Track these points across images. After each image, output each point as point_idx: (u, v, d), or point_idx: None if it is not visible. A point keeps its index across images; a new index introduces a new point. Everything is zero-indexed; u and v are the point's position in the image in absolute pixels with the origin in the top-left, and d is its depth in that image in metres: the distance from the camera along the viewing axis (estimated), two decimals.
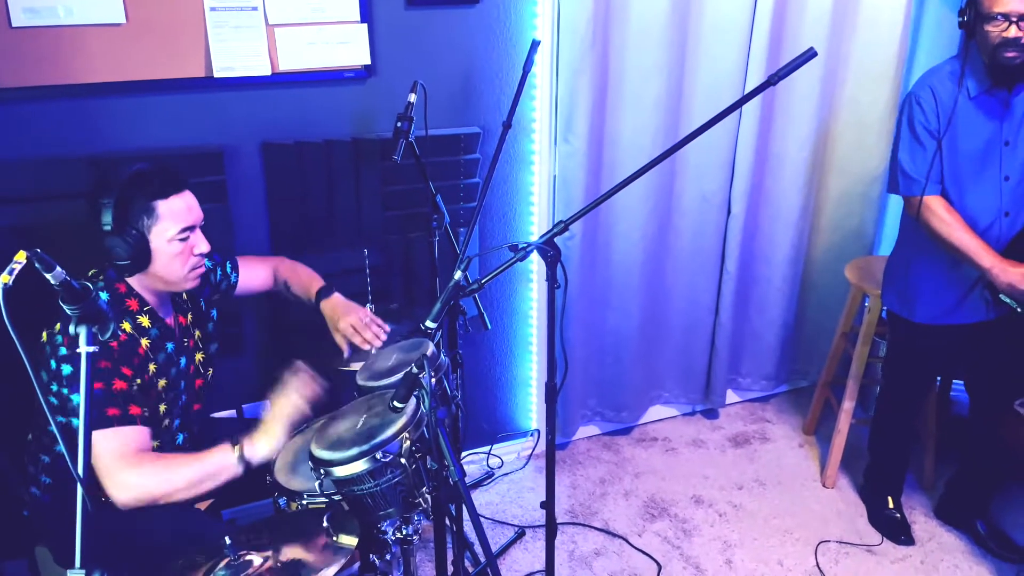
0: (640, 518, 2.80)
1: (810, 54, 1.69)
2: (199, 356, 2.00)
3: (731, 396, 3.47)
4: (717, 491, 2.93)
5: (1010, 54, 2.11)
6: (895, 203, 3.25)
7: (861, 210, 3.22)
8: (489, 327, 2.55)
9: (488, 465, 3.05)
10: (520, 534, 2.69)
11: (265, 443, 1.72)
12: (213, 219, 2.00)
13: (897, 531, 2.68)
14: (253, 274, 2.21)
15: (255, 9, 2.20)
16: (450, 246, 2.42)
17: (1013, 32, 2.08)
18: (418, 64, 2.46)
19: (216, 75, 2.20)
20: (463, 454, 3.03)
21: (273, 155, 2.35)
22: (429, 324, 1.80)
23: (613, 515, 2.81)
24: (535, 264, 2.85)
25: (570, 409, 3.11)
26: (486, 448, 3.07)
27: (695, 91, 2.84)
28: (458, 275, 1.82)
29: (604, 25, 2.61)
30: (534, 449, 3.12)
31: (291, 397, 1.77)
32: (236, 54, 2.21)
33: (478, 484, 2.96)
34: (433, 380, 1.82)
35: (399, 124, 2.13)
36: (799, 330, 3.40)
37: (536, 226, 2.81)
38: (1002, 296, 2.22)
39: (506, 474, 3.02)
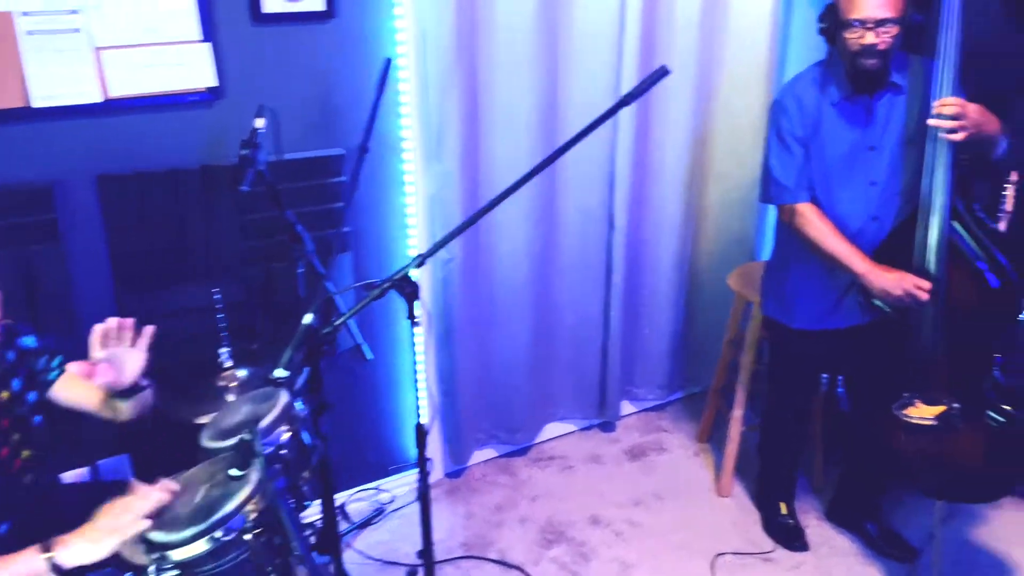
0: (537, 545, 2.71)
1: (662, 72, 1.62)
2: (16, 436, 1.76)
3: (627, 407, 3.42)
4: (615, 509, 2.87)
5: (869, 61, 2.11)
6: (773, 209, 3.26)
7: (742, 216, 3.23)
8: (370, 357, 2.40)
9: (378, 501, 2.90)
10: (411, 575, 2.56)
11: (82, 549, 1.44)
12: (43, 263, 1.80)
13: (791, 538, 2.67)
14: (74, 392, 1.85)
15: (77, 31, 2.00)
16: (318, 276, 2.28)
17: (870, 39, 2.08)
18: (272, 84, 2.30)
19: (35, 104, 1.98)
20: (352, 491, 2.88)
21: (110, 188, 2.15)
22: (280, 373, 1.65)
23: (509, 544, 2.71)
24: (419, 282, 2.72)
25: (463, 434, 3.00)
26: (375, 484, 2.93)
27: (570, 104, 2.77)
28: (309, 318, 1.68)
29: (470, 39, 2.51)
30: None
31: (126, 509, 1.48)
32: (58, 81, 2.00)
33: (367, 523, 2.81)
34: (287, 435, 1.68)
35: (244, 152, 1.98)
36: (689, 337, 3.38)
37: (415, 249, 2.69)
38: (875, 300, 2.23)
39: (397, 509, 2.88)
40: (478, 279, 2.82)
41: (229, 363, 2.16)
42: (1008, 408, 2.15)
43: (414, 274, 1.73)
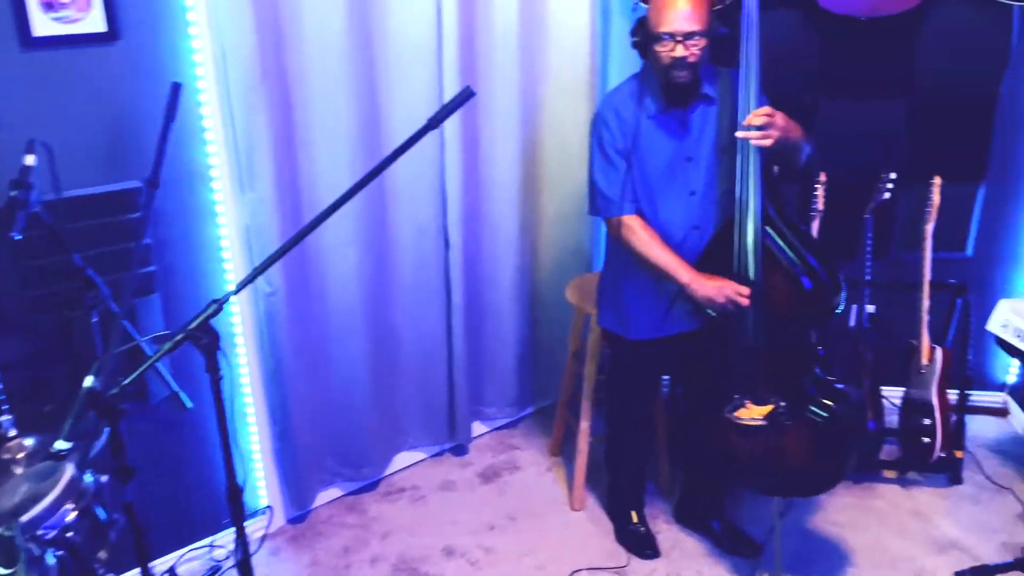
0: None
1: (467, 93, 1.55)
2: None
3: (479, 428, 3.35)
4: (469, 536, 2.79)
5: (680, 73, 2.14)
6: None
7: (577, 227, 3.24)
8: (190, 406, 2.20)
9: (213, 559, 2.68)
10: None
11: None
12: None
13: (642, 546, 2.68)
14: None
15: None
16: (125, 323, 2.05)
17: (680, 52, 2.11)
18: (48, 116, 2.06)
19: None
20: (183, 551, 2.64)
21: None
22: (61, 445, 1.46)
23: None
24: (239, 319, 2.53)
25: (304, 476, 2.82)
26: (209, 539, 2.70)
27: (393, 118, 2.66)
28: (90, 381, 1.49)
29: (276, 55, 2.36)
30: (268, 528, 2.79)
31: None
32: None
33: None
34: (73, 514, 1.49)
35: (13, 193, 1.75)
36: (535, 351, 3.36)
37: (233, 284, 2.49)
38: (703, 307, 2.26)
39: (236, 564, 2.66)
40: (308, 308, 2.66)
41: (12, 432, 1.90)
42: (829, 403, 2.24)
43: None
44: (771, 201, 2.20)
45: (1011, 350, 2.42)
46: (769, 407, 2.25)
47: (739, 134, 2.10)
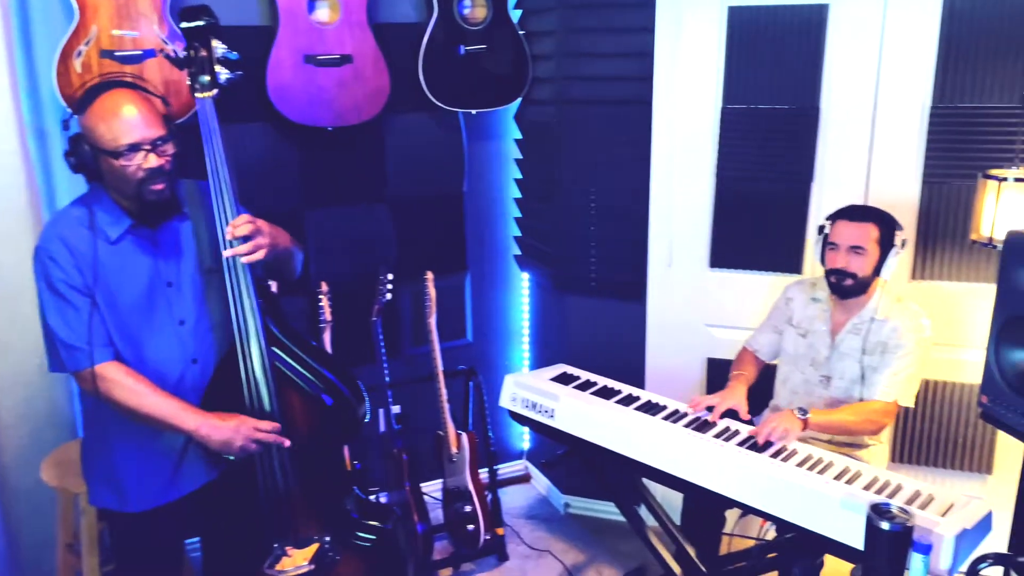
0: None
1: None
2: None
3: None
4: None
5: (156, 187, 1.84)
6: None
7: (46, 390, 2.62)
8: None
9: None
10: None
11: None
12: None
13: None
14: None
15: None
16: None
17: (154, 161, 1.82)
18: None
19: None
20: None
21: None
22: None
23: None
24: None
25: None
26: None
27: None
28: None
29: None
30: None
31: None
32: None
33: None
34: None
35: None
36: (18, 557, 2.59)
37: None
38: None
39: None
40: None
41: None
42: (375, 523, 2.08)
43: None
44: (273, 319, 2.00)
45: (522, 420, 2.57)
46: (314, 547, 1.99)
47: (226, 253, 1.87)
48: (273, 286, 2.19)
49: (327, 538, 2.01)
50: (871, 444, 2.47)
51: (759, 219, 2.81)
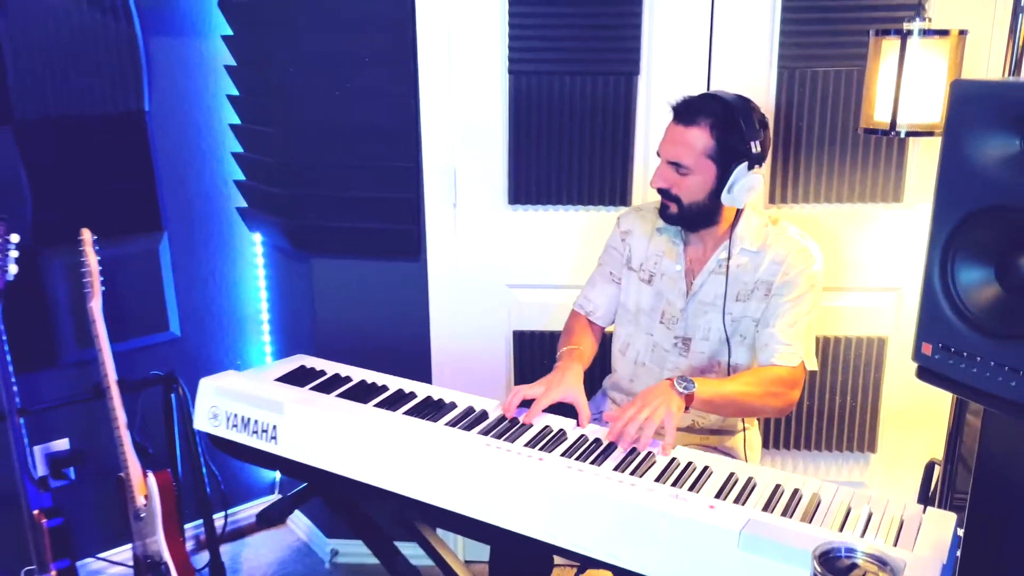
0: None
1: None
2: None
3: None
4: None
5: None
6: None
7: None
8: None
9: None
10: None
11: None
12: None
13: None
14: None
15: None
16: None
17: None
18: None
19: None
20: None
21: None
22: None
23: None
24: None
25: None
26: None
27: None
28: None
29: None
30: None
31: None
32: None
33: None
34: None
35: None
36: None
37: None
38: None
39: None
40: None
41: None
42: None
43: None
44: None
45: (230, 448, 1.61)
46: None
47: None
48: None
49: None
50: (745, 428, 1.74)
51: (571, 132, 2.01)
